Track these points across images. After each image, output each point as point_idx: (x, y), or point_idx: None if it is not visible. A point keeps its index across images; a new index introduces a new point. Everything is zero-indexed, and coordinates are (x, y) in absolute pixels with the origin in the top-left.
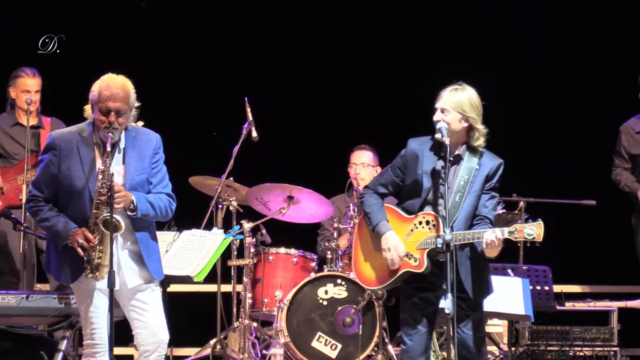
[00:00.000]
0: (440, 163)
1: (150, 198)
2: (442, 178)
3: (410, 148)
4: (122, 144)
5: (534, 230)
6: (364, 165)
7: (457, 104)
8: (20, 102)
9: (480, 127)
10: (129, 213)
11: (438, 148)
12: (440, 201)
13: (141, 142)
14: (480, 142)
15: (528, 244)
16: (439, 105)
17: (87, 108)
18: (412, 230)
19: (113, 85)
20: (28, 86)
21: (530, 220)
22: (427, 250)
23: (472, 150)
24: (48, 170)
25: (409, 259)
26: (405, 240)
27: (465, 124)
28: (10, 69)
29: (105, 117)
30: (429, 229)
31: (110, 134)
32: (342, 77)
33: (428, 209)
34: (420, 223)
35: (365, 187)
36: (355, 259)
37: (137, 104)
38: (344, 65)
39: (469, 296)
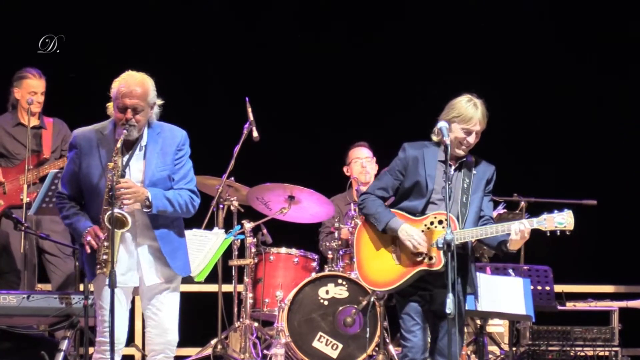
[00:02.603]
0: (443, 167)
1: (169, 195)
2: (445, 181)
3: (409, 152)
4: (143, 141)
5: (565, 219)
6: (368, 160)
7: (485, 123)
8: (24, 103)
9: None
10: (144, 210)
11: (438, 152)
12: (446, 202)
13: (165, 138)
14: None
15: (558, 233)
16: (476, 128)
17: (110, 105)
18: (422, 231)
19: (131, 82)
20: (34, 87)
21: (556, 211)
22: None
23: (468, 157)
24: (70, 167)
25: (425, 258)
26: None
27: None
28: (11, 69)
29: (122, 114)
30: (442, 227)
31: (124, 131)
32: (342, 76)
33: (431, 209)
34: (432, 223)
35: (364, 192)
36: (360, 263)
37: (159, 102)
38: (345, 65)
39: (461, 296)
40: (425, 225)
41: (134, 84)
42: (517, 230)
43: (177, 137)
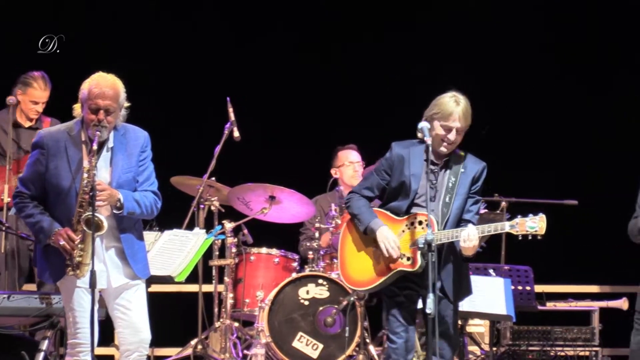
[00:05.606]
0: (427, 166)
1: (137, 196)
2: (430, 181)
3: (395, 151)
4: (110, 143)
5: (537, 223)
6: (360, 164)
7: (468, 122)
8: (24, 106)
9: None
10: (115, 211)
11: (424, 151)
12: (429, 202)
13: (129, 140)
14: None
15: (529, 237)
16: (457, 125)
17: (77, 107)
18: (403, 231)
19: (103, 84)
20: (37, 98)
21: (531, 215)
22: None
23: (456, 154)
24: (35, 168)
25: (402, 258)
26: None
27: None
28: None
29: (94, 115)
30: (422, 228)
31: (98, 132)
32: (324, 76)
33: (416, 210)
34: (412, 224)
35: (350, 191)
36: (342, 262)
37: (127, 104)
38: (326, 65)
39: (449, 297)
40: (406, 225)
41: (106, 86)
42: (465, 238)
43: (140, 138)
